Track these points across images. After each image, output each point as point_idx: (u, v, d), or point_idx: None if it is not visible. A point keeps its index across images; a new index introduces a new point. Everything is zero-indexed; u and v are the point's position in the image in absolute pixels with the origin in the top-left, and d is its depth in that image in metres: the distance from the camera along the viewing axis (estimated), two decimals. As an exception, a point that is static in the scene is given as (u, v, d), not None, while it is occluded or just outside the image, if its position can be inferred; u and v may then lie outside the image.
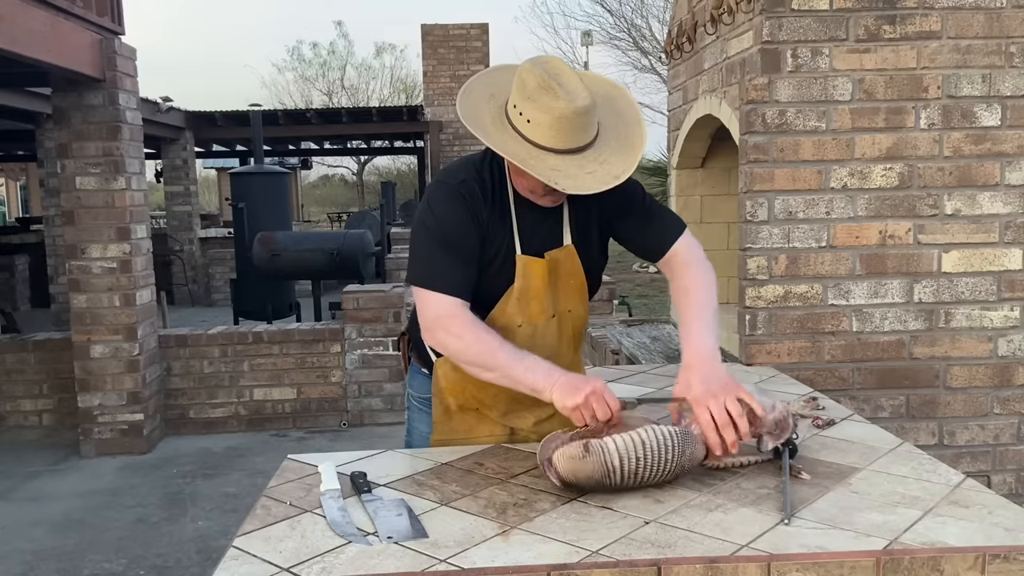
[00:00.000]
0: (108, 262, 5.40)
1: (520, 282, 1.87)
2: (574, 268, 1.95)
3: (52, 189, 9.48)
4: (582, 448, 1.58)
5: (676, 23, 3.93)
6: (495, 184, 1.88)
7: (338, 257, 7.46)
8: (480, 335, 1.78)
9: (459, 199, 1.84)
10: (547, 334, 1.95)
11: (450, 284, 1.80)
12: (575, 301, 1.98)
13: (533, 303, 1.90)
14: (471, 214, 1.83)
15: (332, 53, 32.23)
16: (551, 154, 1.71)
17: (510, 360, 1.75)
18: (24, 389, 5.99)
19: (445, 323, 1.80)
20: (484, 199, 1.85)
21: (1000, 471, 3.02)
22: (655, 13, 19.77)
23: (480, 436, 2.00)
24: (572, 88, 1.70)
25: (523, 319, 1.90)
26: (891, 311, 2.93)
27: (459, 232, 1.82)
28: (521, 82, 1.73)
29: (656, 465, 1.60)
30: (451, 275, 1.80)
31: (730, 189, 3.96)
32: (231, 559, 1.41)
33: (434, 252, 1.83)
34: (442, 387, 2.00)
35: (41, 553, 4.04)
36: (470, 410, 2.01)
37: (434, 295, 1.80)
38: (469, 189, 1.85)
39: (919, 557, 1.39)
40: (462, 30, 13.88)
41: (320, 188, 39.70)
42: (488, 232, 1.85)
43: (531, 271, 1.88)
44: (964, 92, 2.87)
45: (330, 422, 6.02)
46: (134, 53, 5.59)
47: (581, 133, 1.72)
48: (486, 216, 1.85)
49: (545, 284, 1.90)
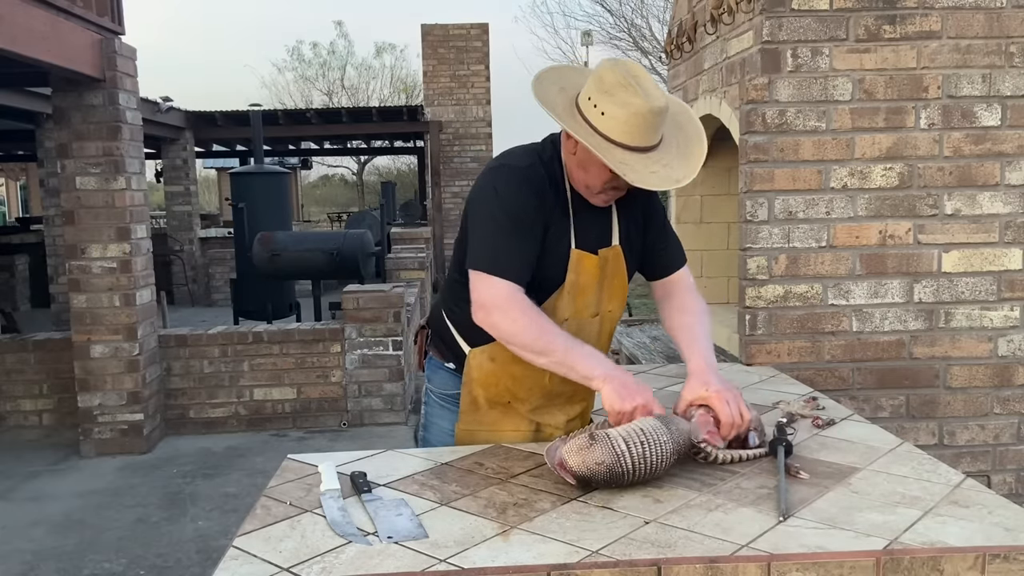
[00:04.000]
0: (108, 262, 5.40)
1: (572, 276, 1.91)
2: (619, 268, 1.99)
3: (52, 189, 9.48)
4: (587, 437, 1.62)
5: (676, 23, 3.93)
6: (557, 176, 1.91)
7: (338, 257, 7.46)
8: (538, 319, 1.80)
9: (527, 182, 1.86)
10: (589, 332, 1.98)
11: (510, 269, 1.81)
12: (616, 302, 2.02)
13: (580, 299, 1.94)
14: (539, 198, 1.86)
15: (332, 53, 32.23)
16: (619, 149, 1.76)
17: (568, 345, 1.78)
18: (24, 389, 5.99)
19: (503, 305, 1.80)
20: (548, 183, 1.88)
21: (1000, 471, 3.02)
22: (655, 13, 19.76)
23: (505, 430, 2.01)
24: (650, 89, 1.76)
25: (570, 314, 1.93)
26: (891, 311, 2.93)
27: (526, 215, 1.84)
28: (599, 77, 1.78)
29: (658, 446, 1.63)
30: (512, 260, 1.82)
31: (730, 189, 3.96)
32: (231, 559, 1.41)
33: (497, 235, 1.84)
34: (473, 378, 2.00)
35: (41, 553, 4.04)
36: (499, 404, 2.00)
37: (493, 279, 1.81)
38: (535, 173, 1.88)
39: (919, 557, 1.39)
40: (462, 30, 13.87)
41: (320, 188, 39.69)
42: (549, 220, 1.88)
43: (583, 266, 1.92)
44: (964, 92, 2.87)
45: (330, 422, 6.02)
46: (134, 53, 5.59)
47: (651, 133, 1.78)
48: (552, 202, 1.88)
49: (595, 281, 1.95)
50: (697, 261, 4.07)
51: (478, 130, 13.80)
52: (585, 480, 1.61)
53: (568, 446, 1.63)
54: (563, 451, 1.64)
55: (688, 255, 4.30)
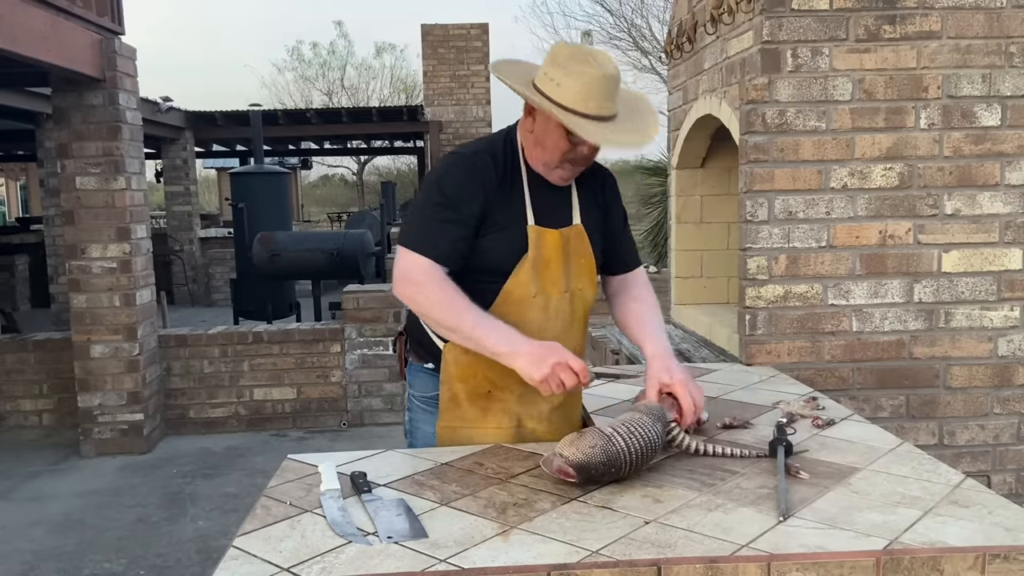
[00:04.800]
0: (108, 262, 5.40)
1: (533, 251, 1.94)
2: (583, 247, 2.03)
3: (52, 189, 9.48)
4: (576, 432, 1.69)
5: (676, 23, 3.93)
6: (508, 160, 1.98)
7: (338, 257, 7.46)
8: (449, 294, 1.85)
9: (467, 167, 1.93)
10: (561, 309, 2.01)
11: (433, 249, 1.87)
12: (585, 280, 2.05)
13: (546, 274, 1.97)
14: (478, 181, 1.91)
15: (332, 53, 32.21)
16: (574, 115, 1.82)
17: (475, 320, 1.84)
18: (24, 389, 5.99)
19: (419, 279, 1.87)
20: (495, 169, 1.94)
21: (1000, 471, 3.02)
22: (655, 13, 19.75)
23: (488, 427, 2.01)
24: (602, 59, 1.87)
25: (536, 289, 1.96)
26: (891, 311, 2.93)
27: (459, 197, 1.90)
28: (553, 55, 1.88)
29: (643, 427, 1.68)
30: (437, 240, 1.88)
31: (730, 189, 3.96)
32: (231, 559, 1.41)
33: (428, 218, 1.91)
34: (451, 373, 2.00)
35: (41, 553, 4.04)
36: (480, 396, 2.00)
37: (416, 257, 1.88)
38: (481, 160, 1.95)
39: (919, 557, 1.39)
40: (462, 30, 13.86)
41: (320, 188, 39.67)
42: (495, 202, 1.93)
43: (544, 241, 1.96)
44: (964, 92, 2.87)
45: (330, 422, 6.02)
46: (134, 53, 5.59)
47: (607, 102, 1.85)
48: (495, 186, 1.93)
49: (559, 257, 1.98)
50: (697, 261, 4.07)
51: (478, 130, 13.79)
52: (584, 468, 1.62)
53: (560, 444, 1.67)
54: (557, 448, 1.67)
55: (688, 255, 4.31)
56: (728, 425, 2.08)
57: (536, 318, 1.95)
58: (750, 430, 2.06)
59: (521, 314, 1.94)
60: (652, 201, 13.46)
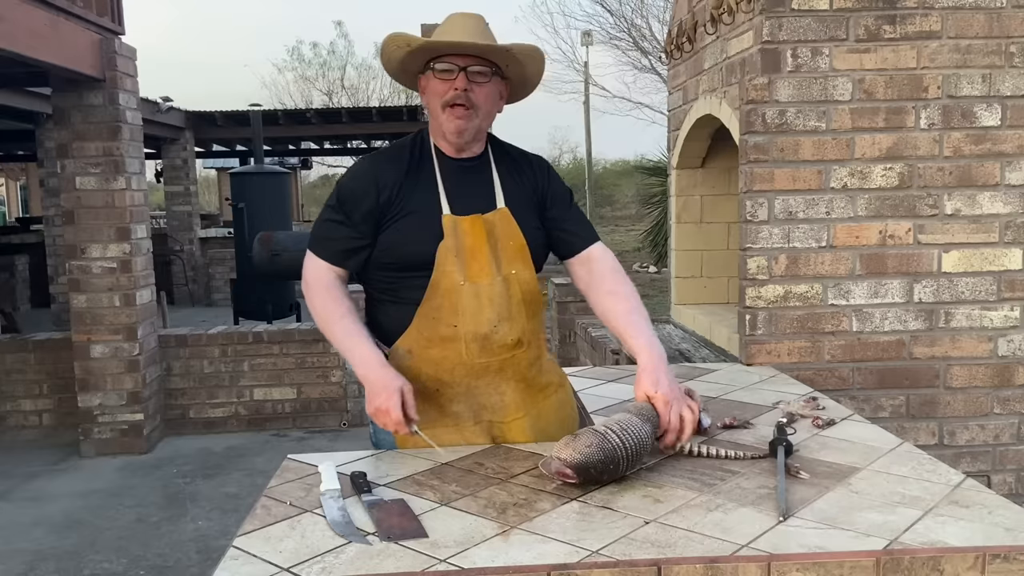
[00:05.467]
0: (108, 262, 5.40)
1: (451, 240, 1.94)
2: (511, 231, 2.00)
3: (52, 189, 9.48)
4: (570, 435, 1.69)
5: (676, 23, 3.93)
6: (417, 151, 2.02)
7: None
8: (329, 300, 1.97)
9: (362, 169, 2.02)
10: (495, 295, 1.96)
11: (325, 251, 1.99)
12: (519, 263, 2.01)
13: (473, 262, 1.95)
14: (371, 180, 1.97)
15: (332, 53, 32.21)
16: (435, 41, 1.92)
17: (344, 332, 1.95)
18: (24, 389, 5.98)
19: (312, 284, 1.99)
20: (395, 163, 1.99)
21: (1000, 471, 3.02)
22: (655, 13, 19.78)
23: (447, 425, 1.99)
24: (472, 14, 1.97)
25: (464, 277, 1.95)
26: (891, 311, 2.93)
27: (350, 199, 1.97)
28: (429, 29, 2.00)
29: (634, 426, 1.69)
30: (328, 244, 1.99)
31: (730, 189, 3.96)
32: (231, 559, 1.41)
33: (323, 219, 2.02)
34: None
35: (41, 553, 4.04)
36: (430, 395, 1.98)
37: (313, 259, 2.00)
38: (379, 158, 2.03)
39: (919, 557, 1.39)
40: (462, 30, 13.84)
41: (320, 188, 39.58)
42: (397, 193, 1.96)
43: (460, 229, 1.95)
44: (964, 92, 2.87)
45: (330, 422, 6.02)
46: (134, 53, 5.59)
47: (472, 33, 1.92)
48: (399, 179, 1.97)
49: (482, 243, 1.96)
50: (697, 261, 4.07)
51: (478, 130, 13.76)
52: (583, 467, 1.62)
53: (555, 448, 1.68)
54: (553, 452, 1.67)
55: (688, 255, 4.31)
56: (728, 425, 2.08)
57: (469, 306, 1.92)
58: (750, 430, 2.06)
59: (452, 304, 1.92)
60: (652, 201, 13.47)
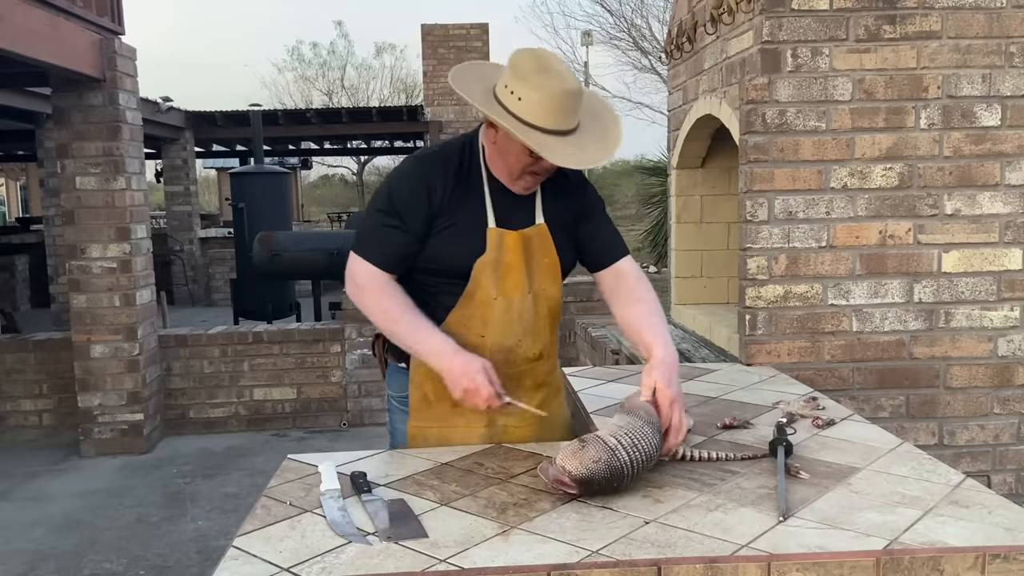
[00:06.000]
0: (108, 262, 5.40)
1: (493, 253, 1.93)
2: (546, 247, 2.01)
3: (52, 189, 9.48)
4: (577, 442, 1.64)
5: (676, 23, 3.93)
6: (467, 163, 1.98)
7: (338, 257, 7.45)
8: (387, 298, 1.93)
9: (417, 171, 1.95)
10: (524, 311, 1.99)
11: (376, 256, 1.94)
12: (548, 281, 2.03)
13: (508, 277, 1.96)
14: (424, 186, 1.92)
15: (332, 53, 32.22)
16: (536, 131, 1.81)
17: (411, 326, 1.91)
18: (24, 389, 5.99)
19: (364, 284, 1.94)
20: (446, 172, 1.94)
21: (1000, 471, 3.02)
22: (655, 13, 19.76)
23: (457, 426, 2.00)
24: (563, 72, 1.84)
25: (498, 292, 1.95)
26: (891, 311, 2.93)
27: (403, 205, 1.92)
28: (514, 64, 1.84)
29: (645, 438, 1.66)
30: (382, 247, 1.94)
31: (730, 189, 3.96)
32: (231, 559, 1.41)
33: (374, 224, 1.96)
34: (421, 373, 2.01)
35: (41, 553, 4.04)
36: (449, 396, 1.97)
37: (362, 262, 1.94)
38: (431, 163, 1.96)
39: (919, 557, 1.39)
40: (462, 30, 13.86)
41: (320, 188, 39.65)
42: (447, 203, 1.93)
43: (504, 243, 1.95)
44: (964, 92, 2.87)
45: (330, 422, 6.02)
46: (134, 53, 5.59)
47: (567, 116, 1.83)
48: (449, 186, 1.93)
49: (520, 259, 1.97)
50: (697, 261, 4.07)
51: (478, 130, 13.79)
52: (586, 483, 1.60)
53: (562, 454, 1.63)
54: (558, 459, 1.63)
55: (688, 255, 4.31)
56: (728, 425, 2.08)
57: (499, 320, 1.94)
58: (750, 430, 2.06)
59: (483, 316, 1.94)
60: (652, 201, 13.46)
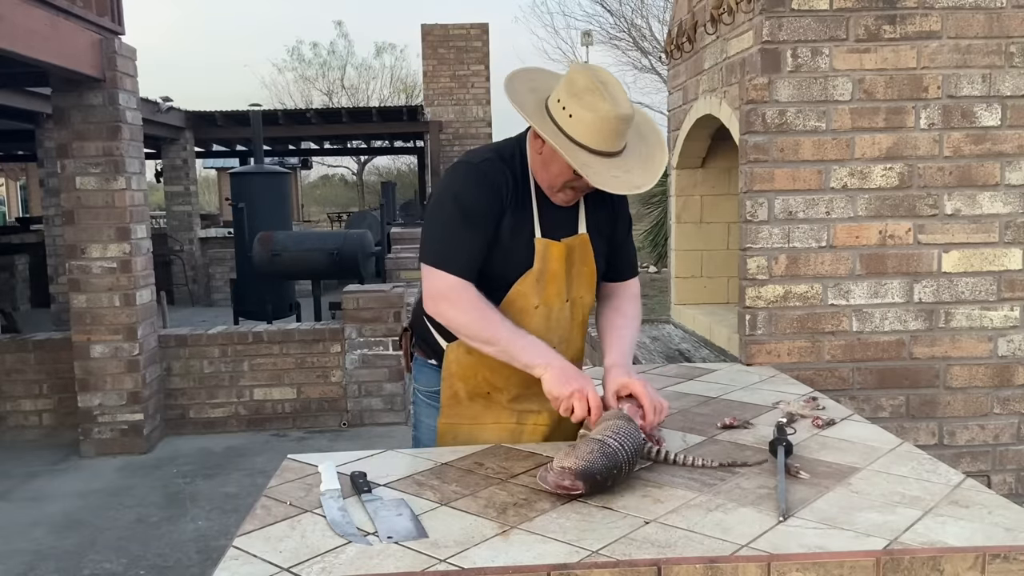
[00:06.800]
0: (108, 262, 5.40)
1: (539, 264, 1.95)
2: (586, 256, 2.03)
3: (52, 189, 9.47)
4: (567, 445, 1.68)
5: (676, 23, 3.93)
6: (519, 170, 1.96)
7: (338, 257, 7.46)
8: (483, 310, 1.88)
9: (481, 177, 1.92)
10: (561, 318, 2.02)
11: (458, 263, 1.89)
12: (585, 288, 2.06)
13: (550, 286, 1.98)
14: (494, 190, 1.91)
15: (332, 53, 32.22)
16: (583, 151, 1.81)
17: (511, 336, 1.87)
18: (24, 389, 5.98)
19: (451, 296, 1.89)
20: (506, 174, 1.93)
21: (1000, 471, 3.02)
22: (655, 13, 19.78)
23: (487, 423, 2.03)
24: (618, 96, 1.83)
25: (539, 300, 1.97)
26: (891, 311, 2.93)
27: (476, 209, 1.90)
28: (570, 80, 1.84)
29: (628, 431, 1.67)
30: (460, 255, 1.90)
31: (730, 189, 3.96)
32: (231, 559, 1.41)
33: (448, 232, 1.92)
34: (452, 372, 2.03)
35: (41, 553, 4.03)
36: (479, 396, 2.03)
37: (442, 272, 1.90)
38: (492, 167, 1.94)
39: (919, 557, 1.39)
40: (462, 30, 13.86)
41: (320, 188, 39.66)
42: (507, 212, 1.93)
43: (550, 254, 1.96)
44: (964, 92, 2.87)
45: (330, 422, 6.02)
46: (134, 53, 5.58)
47: (615, 139, 1.83)
48: (508, 196, 1.93)
49: (562, 268, 1.98)
50: (697, 261, 4.07)
51: (478, 130, 13.79)
52: (588, 474, 1.60)
53: (557, 457, 1.66)
54: (556, 462, 1.65)
55: (688, 255, 4.32)
56: (728, 425, 2.08)
57: (537, 327, 1.95)
58: (750, 430, 2.06)
59: (521, 323, 1.94)
60: (652, 201, 13.45)
